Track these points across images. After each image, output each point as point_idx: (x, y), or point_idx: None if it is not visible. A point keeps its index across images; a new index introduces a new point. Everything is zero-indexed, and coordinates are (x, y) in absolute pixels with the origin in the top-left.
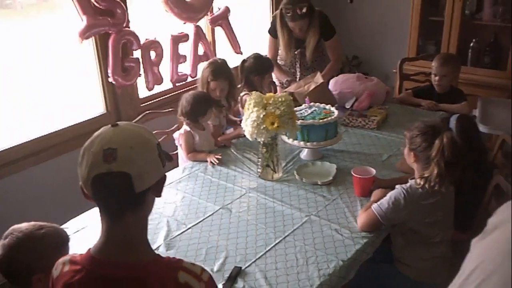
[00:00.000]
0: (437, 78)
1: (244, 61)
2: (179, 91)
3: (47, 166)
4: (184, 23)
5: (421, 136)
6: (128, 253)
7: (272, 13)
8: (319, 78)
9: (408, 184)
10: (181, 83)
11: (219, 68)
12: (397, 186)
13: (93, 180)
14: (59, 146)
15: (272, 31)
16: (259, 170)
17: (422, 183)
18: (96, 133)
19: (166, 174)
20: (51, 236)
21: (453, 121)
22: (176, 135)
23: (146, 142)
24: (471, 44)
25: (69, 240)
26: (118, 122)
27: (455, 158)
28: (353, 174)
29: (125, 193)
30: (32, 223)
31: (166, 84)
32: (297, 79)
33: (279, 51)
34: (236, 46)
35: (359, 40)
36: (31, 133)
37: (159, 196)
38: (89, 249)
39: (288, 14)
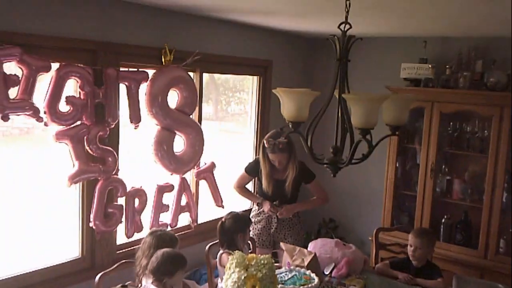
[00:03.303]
0: (412, 249)
1: (223, 223)
2: None
3: None
4: (171, 174)
5: None
6: None
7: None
8: (304, 252)
9: None
10: None
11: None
12: None
13: None
14: None
15: (250, 169)
16: None
17: None
18: None
19: None
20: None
21: None
22: None
23: None
24: (443, 220)
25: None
26: (126, 284)
27: None
28: None
29: None
30: None
31: (145, 232)
32: (272, 234)
33: (262, 184)
34: (218, 200)
35: (336, 204)
36: None
37: None
38: None
39: (269, 147)
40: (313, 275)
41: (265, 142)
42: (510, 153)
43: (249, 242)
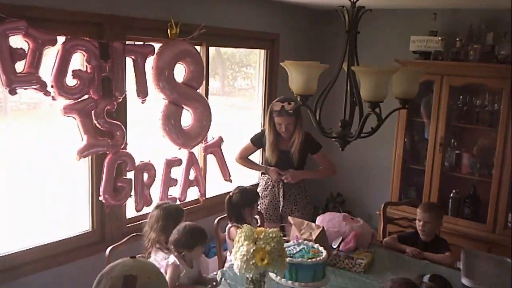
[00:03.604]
0: (421, 223)
1: (230, 197)
2: None
3: (25, 282)
4: (179, 149)
5: None
6: None
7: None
8: (312, 225)
9: None
10: None
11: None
12: None
13: None
14: (37, 262)
15: (255, 139)
16: None
17: None
18: (115, 262)
19: None
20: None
21: (426, 280)
22: (163, 263)
23: (162, 276)
24: (451, 195)
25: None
26: (136, 256)
27: None
28: None
29: None
30: None
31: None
32: (280, 210)
33: (266, 153)
34: (226, 174)
35: (344, 178)
36: (6, 247)
37: None
38: None
39: (277, 110)
40: (321, 248)
41: (272, 105)
42: None
43: (256, 216)
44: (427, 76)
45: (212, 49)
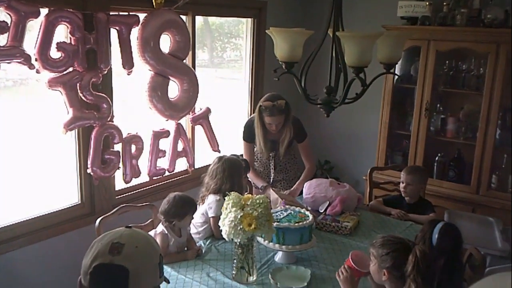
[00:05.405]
0: (403, 185)
1: None
2: (155, 185)
3: (15, 256)
4: (167, 120)
5: (392, 253)
6: None
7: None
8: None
9: None
10: (158, 177)
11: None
12: None
13: (94, 269)
14: (28, 235)
15: (247, 137)
16: (233, 272)
17: None
18: (111, 230)
19: None
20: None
21: (439, 226)
22: (151, 233)
23: (151, 247)
24: (437, 158)
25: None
26: (131, 225)
27: (430, 271)
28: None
29: None
30: None
31: (143, 177)
32: (271, 181)
33: (256, 148)
34: (214, 145)
35: (331, 145)
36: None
37: None
38: None
39: (267, 109)
40: (307, 213)
41: (262, 105)
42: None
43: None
44: (414, 41)
45: (199, 20)
